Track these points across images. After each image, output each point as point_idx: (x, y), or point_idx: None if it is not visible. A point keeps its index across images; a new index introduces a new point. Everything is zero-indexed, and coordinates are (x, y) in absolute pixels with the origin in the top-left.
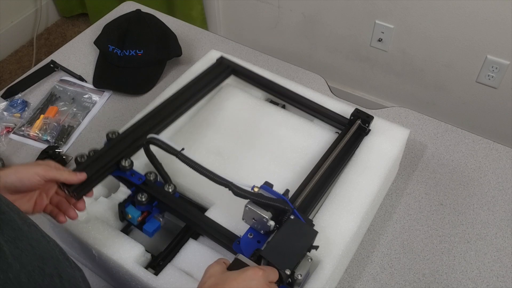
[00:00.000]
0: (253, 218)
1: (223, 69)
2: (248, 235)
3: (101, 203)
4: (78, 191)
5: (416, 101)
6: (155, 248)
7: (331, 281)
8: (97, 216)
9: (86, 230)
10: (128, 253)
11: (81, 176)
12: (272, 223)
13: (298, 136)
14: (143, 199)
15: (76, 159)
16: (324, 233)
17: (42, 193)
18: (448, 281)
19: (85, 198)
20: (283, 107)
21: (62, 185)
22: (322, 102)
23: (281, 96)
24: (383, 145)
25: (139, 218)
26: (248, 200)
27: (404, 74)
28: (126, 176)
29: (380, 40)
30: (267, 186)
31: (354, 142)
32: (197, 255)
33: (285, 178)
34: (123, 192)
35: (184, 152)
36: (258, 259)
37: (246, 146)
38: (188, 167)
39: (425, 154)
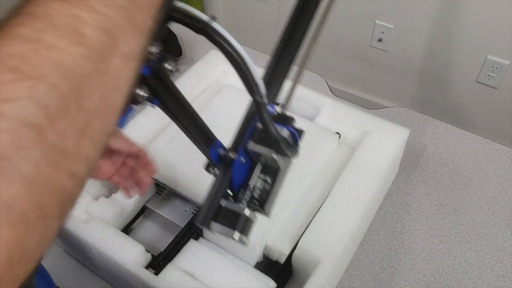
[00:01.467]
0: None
1: None
2: (241, 160)
3: (101, 203)
4: None
5: (416, 101)
6: (155, 248)
7: (331, 281)
8: (97, 216)
9: (86, 230)
10: (128, 253)
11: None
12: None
13: None
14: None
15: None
16: (324, 233)
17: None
18: (448, 281)
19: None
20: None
21: None
22: (322, 102)
23: None
24: (383, 145)
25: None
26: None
27: (404, 74)
28: None
29: (380, 40)
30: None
31: None
32: (197, 256)
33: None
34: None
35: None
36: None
37: None
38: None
39: (425, 154)
